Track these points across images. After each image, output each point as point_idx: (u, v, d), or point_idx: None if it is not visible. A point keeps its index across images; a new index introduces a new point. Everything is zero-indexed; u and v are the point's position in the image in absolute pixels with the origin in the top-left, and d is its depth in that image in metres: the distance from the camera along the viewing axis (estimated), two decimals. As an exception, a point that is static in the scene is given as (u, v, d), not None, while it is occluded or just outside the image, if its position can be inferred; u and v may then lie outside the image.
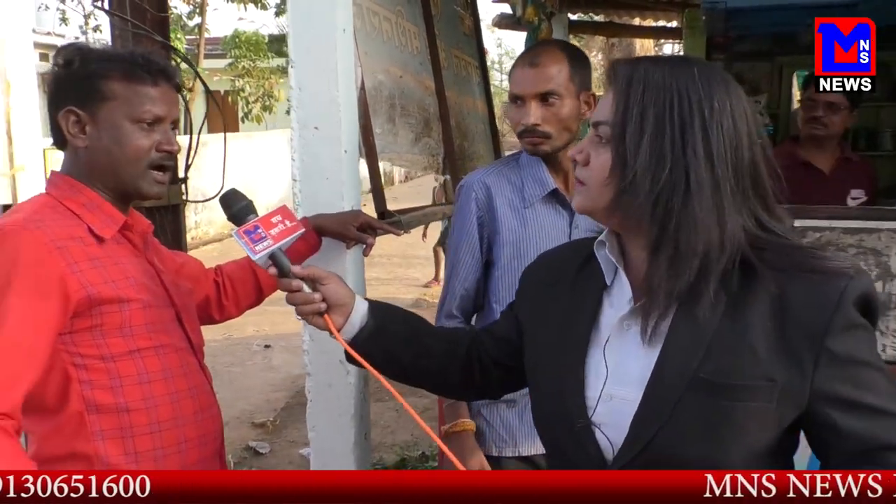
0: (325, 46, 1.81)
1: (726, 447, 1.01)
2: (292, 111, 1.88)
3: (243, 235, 1.27)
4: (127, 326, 1.39)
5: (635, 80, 1.04)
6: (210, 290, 1.74)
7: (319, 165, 1.87)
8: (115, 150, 1.42)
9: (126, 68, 1.43)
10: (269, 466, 4.29)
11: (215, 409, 1.56)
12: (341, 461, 1.98)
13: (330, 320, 1.27)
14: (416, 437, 4.55)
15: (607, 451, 1.08)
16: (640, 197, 1.02)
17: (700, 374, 1.01)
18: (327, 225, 1.82)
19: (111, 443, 1.37)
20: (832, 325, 0.99)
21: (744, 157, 1.03)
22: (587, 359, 1.12)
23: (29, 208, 1.41)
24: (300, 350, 4.50)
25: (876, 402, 1.00)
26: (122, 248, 1.46)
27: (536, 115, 1.81)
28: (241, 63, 16.13)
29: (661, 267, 1.03)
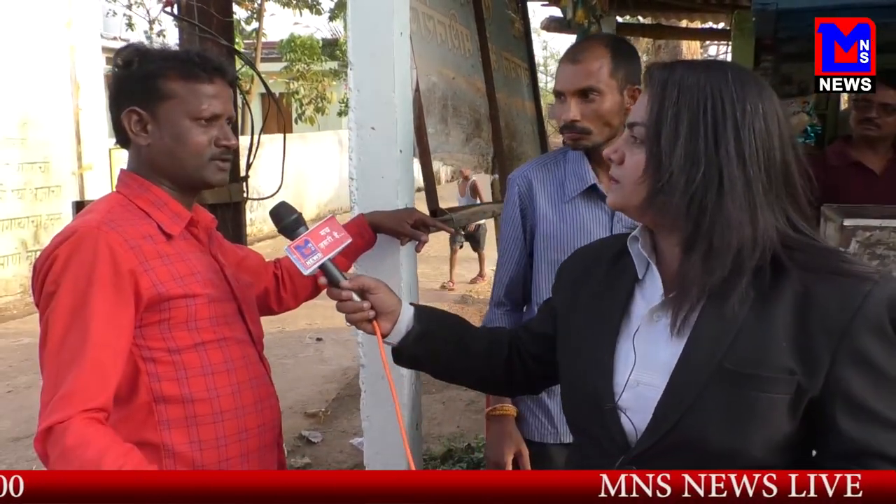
0: (382, 50, 1.83)
1: (747, 436, 1.02)
2: (350, 112, 1.90)
3: (294, 251, 1.30)
4: (192, 320, 1.42)
5: (670, 83, 1.05)
6: (269, 283, 1.76)
7: (375, 164, 1.89)
8: (176, 147, 1.44)
9: (183, 67, 1.44)
10: (321, 455, 4.34)
11: (274, 399, 1.58)
12: (393, 450, 1.99)
13: (377, 327, 1.31)
14: (463, 428, 4.56)
15: (631, 435, 1.10)
16: (675, 196, 1.03)
17: (725, 364, 1.02)
18: (383, 222, 1.84)
19: (176, 432, 1.40)
20: (853, 325, 0.99)
21: (775, 157, 1.04)
22: (617, 346, 1.14)
23: (102, 208, 1.43)
24: (351, 343, 4.50)
25: (878, 408, 1.00)
26: (189, 244, 1.49)
27: (576, 111, 1.79)
28: (296, 66, 16.32)
29: (696, 263, 1.03)
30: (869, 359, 1.00)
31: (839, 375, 1.00)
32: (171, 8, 2.48)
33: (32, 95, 8.27)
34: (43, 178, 8.54)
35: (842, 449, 1.02)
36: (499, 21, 3.49)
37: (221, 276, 1.52)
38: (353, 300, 1.30)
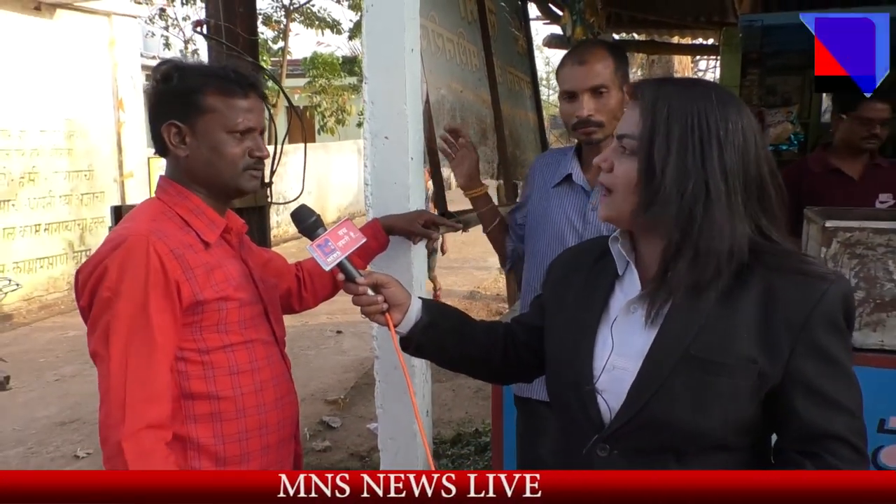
0: (395, 65, 1.82)
1: (709, 417, 1.04)
2: (365, 122, 1.89)
3: (316, 249, 1.31)
4: (223, 324, 1.41)
5: (660, 100, 1.07)
6: (292, 284, 1.75)
7: (389, 171, 1.88)
8: (213, 158, 1.43)
9: (221, 83, 1.43)
10: (340, 439, 4.34)
11: (293, 395, 1.57)
12: (405, 435, 1.98)
13: (389, 318, 1.33)
14: (471, 414, 4.55)
15: (606, 414, 1.12)
16: (668, 206, 1.05)
17: (691, 352, 1.05)
18: (396, 224, 1.83)
19: (202, 426, 1.39)
20: (811, 319, 1.02)
21: (752, 170, 1.07)
22: (596, 335, 1.17)
23: (146, 215, 1.42)
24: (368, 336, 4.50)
25: (833, 394, 1.04)
26: (224, 250, 1.48)
27: (590, 106, 1.86)
28: (319, 82, 16.33)
29: (682, 268, 1.05)
30: (825, 350, 1.03)
31: (798, 365, 1.03)
32: (202, 28, 2.48)
33: (78, 109, 8.35)
34: (88, 184, 8.60)
35: (800, 432, 1.05)
36: (504, 38, 3.48)
37: (250, 279, 1.51)
38: (367, 294, 1.32)
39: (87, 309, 1.34)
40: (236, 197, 1.52)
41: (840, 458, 1.03)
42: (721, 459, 1.07)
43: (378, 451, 2.06)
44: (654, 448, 1.08)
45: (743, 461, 1.09)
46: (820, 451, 1.03)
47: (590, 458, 1.13)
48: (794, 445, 1.06)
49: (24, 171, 7.82)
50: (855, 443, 1.04)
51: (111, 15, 8.70)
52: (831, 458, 1.03)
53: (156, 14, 14.23)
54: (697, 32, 6.28)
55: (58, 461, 4.10)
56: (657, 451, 1.08)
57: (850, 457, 1.03)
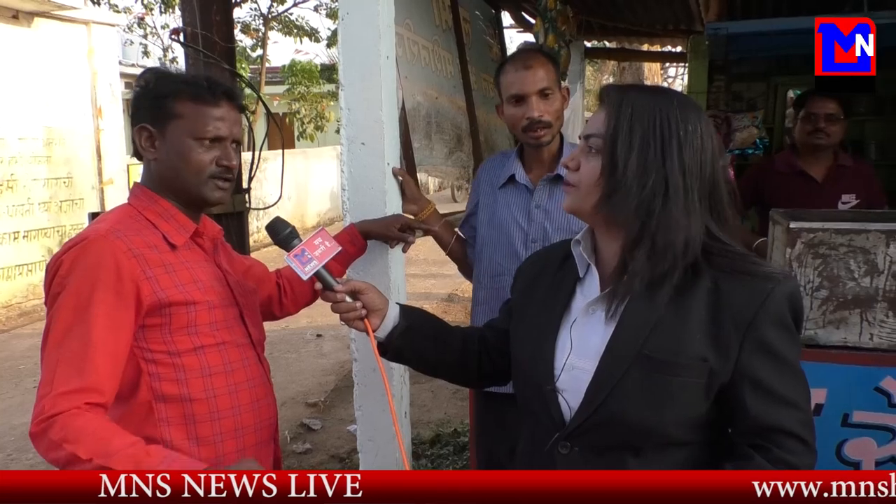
0: (371, 72, 1.81)
1: (662, 413, 1.06)
2: (342, 129, 1.87)
3: (293, 259, 1.33)
4: (192, 326, 1.38)
5: (625, 102, 1.11)
6: (273, 291, 1.73)
7: (366, 177, 1.86)
8: (178, 163, 1.41)
9: (193, 90, 1.41)
10: (320, 441, 4.30)
11: (271, 398, 1.54)
12: (384, 436, 1.97)
13: (368, 324, 1.34)
14: (449, 415, 4.53)
15: (566, 413, 1.14)
16: (628, 198, 1.07)
17: (644, 351, 1.07)
18: (372, 228, 1.81)
19: (175, 429, 1.36)
20: (757, 318, 1.05)
21: (706, 171, 1.09)
22: (557, 336, 1.18)
23: (112, 218, 1.40)
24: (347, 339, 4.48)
25: (780, 390, 1.06)
26: (193, 253, 1.45)
27: (539, 108, 1.92)
28: (297, 89, 16.25)
29: (641, 258, 1.07)
30: (772, 347, 1.06)
31: (746, 362, 1.05)
32: (179, 36, 2.45)
33: (57, 117, 8.23)
34: (67, 191, 8.46)
35: (750, 426, 1.07)
36: (478, 46, 3.48)
37: (224, 282, 1.48)
38: (345, 301, 1.32)
39: (47, 302, 1.33)
40: (203, 206, 1.48)
41: (788, 450, 1.05)
42: (676, 455, 1.09)
43: (358, 452, 2.04)
44: (613, 445, 1.10)
45: (697, 456, 1.10)
46: (769, 444, 1.06)
47: (551, 456, 1.14)
48: (744, 439, 1.08)
49: (3, 179, 7.67)
50: (803, 436, 1.07)
51: (90, 24, 8.57)
52: (779, 450, 1.05)
53: (134, 22, 14.08)
54: (666, 40, 6.34)
55: (38, 468, 4.02)
56: (615, 447, 1.10)
57: (797, 449, 1.06)
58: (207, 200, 1.45)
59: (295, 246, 1.33)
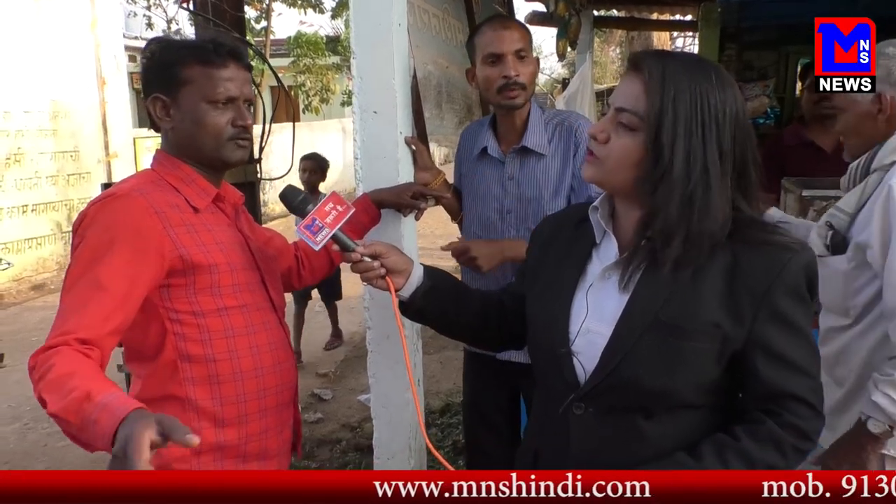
0: (383, 40, 1.79)
1: (675, 378, 1.08)
2: (354, 97, 1.87)
3: (304, 230, 1.31)
4: (216, 287, 1.40)
5: (667, 79, 1.06)
6: (291, 263, 1.76)
7: (378, 145, 1.86)
8: (195, 129, 1.42)
9: (199, 54, 1.42)
10: (331, 410, 4.36)
11: (291, 361, 1.57)
12: (397, 404, 1.99)
13: (390, 281, 1.33)
14: (458, 385, 4.56)
15: (581, 376, 1.15)
16: (675, 189, 1.06)
17: (660, 317, 1.08)
18: (385, 197, 1.82)
19: (200, 388, 1.39)
20: (773, 287, 1.06)
21: (741, 153, 1.09)
22: (573, 300, 1.19)
23: (136, 180, 1.43)
24: (357, 310, 4.49)
25: (792, 358, 1.08)
26: (216, 217, 1.47)
27: (516, 68, 1.92)
28: (303, 61, 16.12)
29: (677, 246, 1.07)
30: (786, 317, 1.07)
31: (760, 330, 1.07)
32: (187, 4, 2.43)
33: (63, 90, 8.20)
34: (74, 165, 8.48)
35: (761, 391, 1.09)
36: (488, 14, 3.44)
37: (245, 247, 1.50)
38: (364, 261, 1.32)
39: None
40: (224, 168, 1.50)
41: (798, 415, 1.08)
42: (687, 417, 1.11)
43: (369, 420, 2.06)
44: (626, 406, 1.12)
45: (708, 419, 1.12)
46: (779, 409, 1.08)
47: (566, 416, 1.16)
48: (755, 404, 1.10)
49: (10, 153, 7.69)
50: (812, 401, 1.09)
51: (93, -5, 8.51)
52: (789, 415, 1.08)
53: (138, -6, 13.93)
54: (676, 8, 6.25)
55: (54, 436, 4.09)
56: (628, 409, 1.12)
57: (806, 414, 1.09)
58: (228, 161, 1.47)
59: (309, 212, 1.33)
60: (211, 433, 1.40)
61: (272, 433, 1.50)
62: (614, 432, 1.13)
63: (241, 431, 1.43)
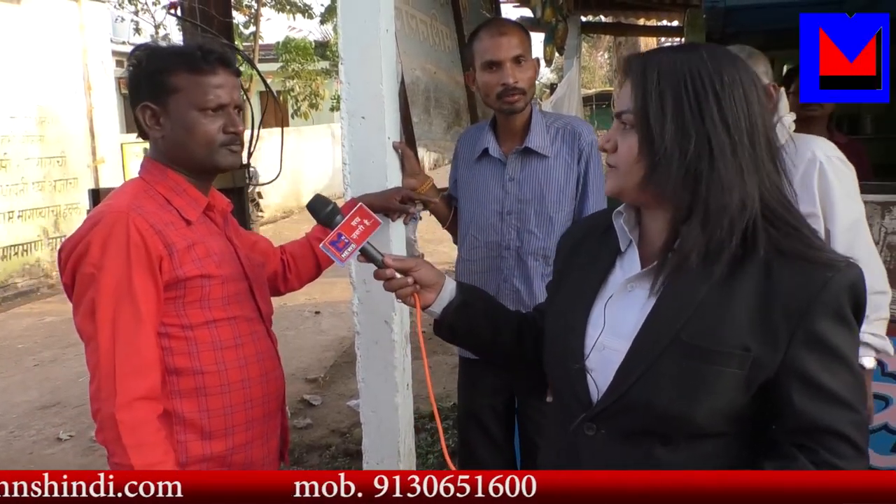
0: (370, 45, 1.80)
1: (696, 404, 0.99)
2: (342, 103, 1.87)
3: (330, 247, 1.27)
4: (206, 299, 1.40)
5: (649, 68, 1.02)
6: (277, 267, 1.75)
7: (366, 150, 1.86)
8: (186, 137, 1.41)
9: (188, 61, 1.41)
10: (320, 416, 4.34)
11: (279, 371, 1.56)
12: (386, 409, 1.99)
13: (417, 297, 1.26)
14: (448, 390, 4.57)
15: (594, 394, 1.08)
16: (672, 168, 0.99)
17: (682, 337, 1.00)
18: (374, 202, 1.81)
19: (187, 401, 1.39)
20: (812, 308, 0.96)
21: (756, 123, 1.00)
22: (591, 312, 1.12)
23: (127, 194, 1.41)
24: (346, 315, 4.46)
25: (832, 387, 0.97)
26: (207, 227, 1.47)
27: (515, 74, 1.94)
28: (291, 66, 16.11)
29: (695, 227, 0.99)
30: (826, 341, 0.97)
31: (796, 355, 0.97)
32: (175, 10, 2.43)
33: (50, 95, 8.16)
34: (61, 171, 8.43)
35: (796, 424, 0.99)
36: (475, 20, 3.45)
37: (235, 257, 1.50)
38: (395, 278, 1.26)
39: (69, 286, 1.34)
40: (215, 174, 1.50)
41: (837, 454, 0.97)
42: (709, 447, 1.02)
43: (358, 426, 2.06)
44: (641, 431, 1.04)
45: (732, 450, 1.03)
46: (816, 446, 0.97)
47: (576, 436, 1.09)
48: (789, 438, 0.99)
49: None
50: (854, 438, 0.97)
51: (80, 0, 8.47)
52: (827, 453, 0.97)
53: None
54: (663, 14, 6.30)
55: (40, 444, 4.05)
56: (643, 434, 1.04)
57: (847, 453, 0.97)
58: (221, 167, 1.47)
59: (337, 224, 1.28)
60: (197, 446, 1.39)
61: (258, 443, 1.50)
62: (627, 458, 1.04)
63: (227, 443, 1.43)
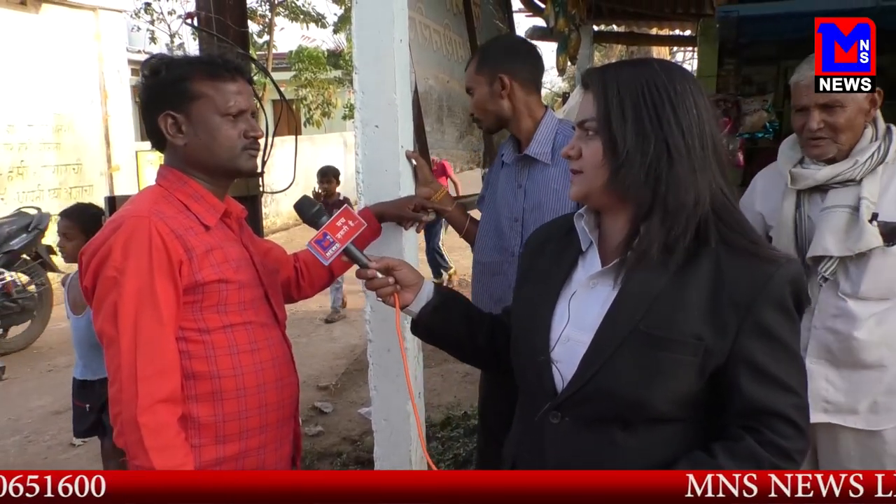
0: (384, 55, 1.82)
1: (653, 390, 1.06)
2: (356, 112, 1.89)
3: (315, 245, 1.32)
4: (223, 304, 1.42)
5: (609, 80, 1.12)
6: (291, 274, 1.77)
7: (380, 159, 1.88)
8: (211, 142, 1.44)
9: (208, 69, 1.44)
10: (332, 423, 4.35)
11: (294, 376, 1.58)
12: (398, 417, 1.99)
13: (396, 297, 1.34)
14: (459, 398, 4.57)
15: (559, 384, 1.15)
16: (634, 169, 1.08)
17: (640, 327, 1.07)
18: (387, 210, 1.83)
19: (202, 405, 1.40)
20: (758, 300, 1.05)
21: (705, 128, 1.09)
22: (555, 307, 1.19)
23: (147, 200, 1.43)
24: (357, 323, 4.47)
25: (776, 373, 1.06)
26: (224, 233, 1.49)
27: (469, 104, 2.12)
28: (304, 75, 16.21)
29: (655, 224, 1.08)
30: (770, 331, 1.06)
31: (744, 344, 1.05)
32: (192, 20, 2.46)
33: (66, 103, 8.26)
34: (76, 178, 8.51)
35: (743, 408, 1.07)
36: (488, 30, 3.47)
37: (251, 263, 1.51)
38: (377, 278, 1.33)
39: (90, 290, 1.35)
40: (235, 178, 1.54)
41: (780, 434, 1.05)
42: (666, 431, 1.10)
43: (370, 433, 2.06)
44: (603, 417, 1.11)
45: (688, 434, 1.11)
46: (761, 427, 1.06)
47: (541, 425, 1.16)
48: (736, 420, 1.08)
49: (13, 166, 7.73)
50: (796, 420, 1.06)
51: (97, 9, 8.58)
52: (771, 433, 1.05)
53: (141, 8, 14.04)
54: (675, 23, 6.30)
55: (54, 449, 4.08)
56: (605, 420, 1.11)
57: (789, 433, 1.06)
58: (242, 171, 1.50)
59: (322, 224, 1.33)
60: (211, 450, 1.41)
61: (270, 448, 1.51)
62: (589, 444, 1.12)
63: (240, 447, 1.44)
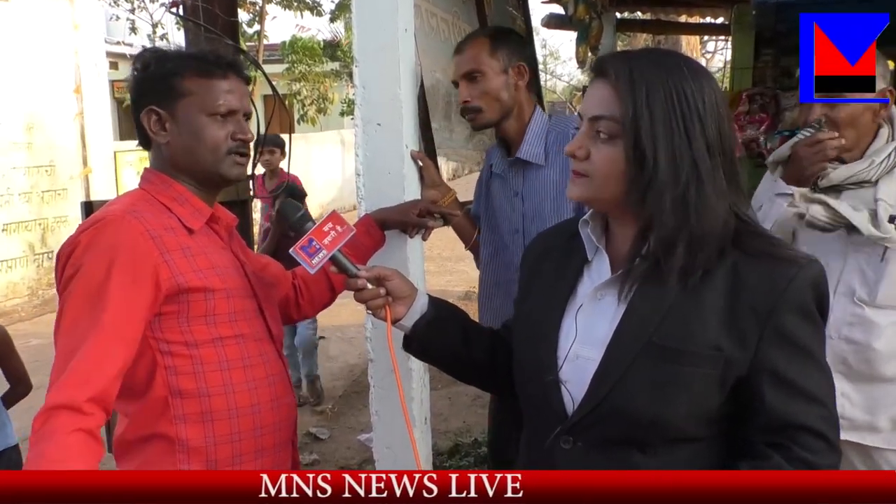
0: (388, 46, 1.82)
1: (672, 407, 1.06)
2: (356, 108, 1.89)
3: (300, 252, 1.31)
4: (211, 315, 1.42)
5: (637, 81, 1.07)
6: (289, 292, 1.76)
7: (382, 160, 1.88)
8: (193, 142, 1.45)
9: (198, 65, 1.46)
10: (328, 451, 4.34)
11: (291, 397, 1.57)
12: (403, 443, 1.98)
13: (388, 311, 1.33)
14: (469, 423, 4.55)
15: (569, 405, 1.14)
16: (665, 195, 1.06)
17: (654, 340, 1.07)
18: (389, 216, 1.83)
19: (192, 426, 1.39)
20: (778, 306, 1.04)
21: (727, 138, 1.09)
22: (562, 322, 1.19)
23: (126, 201, 1.45)
24: (355, 340, 4.48)
25: (802, 383, 1.06)
26: (210, 239, 1.49)
27: (465, 93, 2.02)
28: (298, 68, 16.30)
29: (680, 253, 1.06)
30: (794, 338, 1.06)
31: (766, 353, 1.05)
32: (177, 9, 2.48)
33: (38, 99, 8.28)
34: (49, 181, 8.54)
35: (768, 422, 1.07)
36: (501, 18, 3.48)
37: (241, 272, 1.52)
38: (367, 288, 1.32)
39: (59, 292, 1.37)
40: (221, 184, 1.53)
41: (810, 449, 1.05)
42: (687, 451, 1.09)
43: (370, 462, 2.06)
44: (618, 440, 1.10)
45: (710, 453, 1.10)
46: (789, 443, 1.05)
47: (552, 451, 1.15)
48: (762, 436, 1.07)
49: (-21, 168, 7.77)
50: (826, 433, 1.06)
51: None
52: (800, 449, 1.05)
53: (120, -5, 14.16)
54: (706, 10, 6.28)
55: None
56: (621, 442, 1.10)
57: (819, 448, 1.05)
58: (226, 178, 1.50)
59: (308, 230, 1.34)
60: None
61: None
62: (604, 469, 1.09)
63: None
